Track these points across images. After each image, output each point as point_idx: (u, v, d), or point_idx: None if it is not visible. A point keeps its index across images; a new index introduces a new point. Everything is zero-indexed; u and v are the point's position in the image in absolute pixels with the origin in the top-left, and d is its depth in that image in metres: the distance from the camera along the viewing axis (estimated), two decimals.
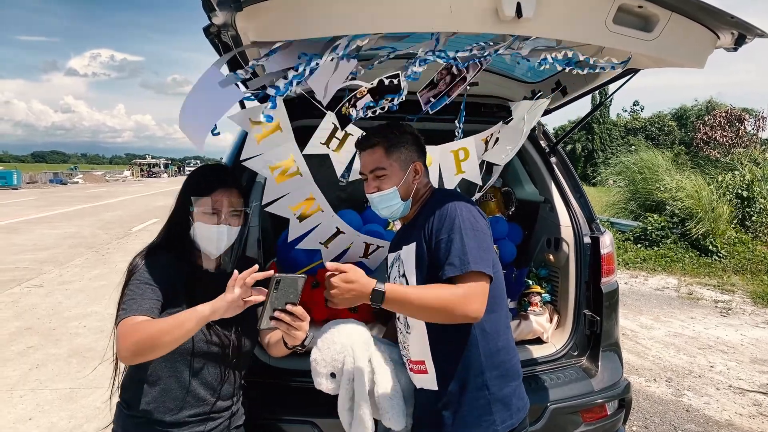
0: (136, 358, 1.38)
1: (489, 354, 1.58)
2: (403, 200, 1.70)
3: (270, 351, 1.76)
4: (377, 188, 1.70)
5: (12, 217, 16.02)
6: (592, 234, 2.58)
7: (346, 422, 1.74)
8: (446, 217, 1.54)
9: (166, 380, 1.54)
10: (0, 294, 6.89)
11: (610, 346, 2.52)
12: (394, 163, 1.69)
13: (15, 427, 3.49)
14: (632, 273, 8.47)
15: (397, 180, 1.68)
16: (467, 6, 1.33)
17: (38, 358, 4.72)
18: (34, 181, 39.15)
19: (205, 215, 1.59)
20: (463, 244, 1.47)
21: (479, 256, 1.47)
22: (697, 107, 35.23)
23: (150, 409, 1.53)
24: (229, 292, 1.38)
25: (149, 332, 1.35)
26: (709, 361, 4.78)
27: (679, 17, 1.50)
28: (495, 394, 1.56)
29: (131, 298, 1.46)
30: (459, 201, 1.59)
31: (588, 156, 37.61)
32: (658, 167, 11.87)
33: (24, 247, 10.48)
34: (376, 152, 1.70)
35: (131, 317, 1.41)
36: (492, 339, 1.59)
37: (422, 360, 1.64)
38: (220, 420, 1.63)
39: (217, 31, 1.51)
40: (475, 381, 1.56)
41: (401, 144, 1.70)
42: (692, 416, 3.73)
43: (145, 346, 1.35)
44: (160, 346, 1.35)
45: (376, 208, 1.75)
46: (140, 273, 1.52)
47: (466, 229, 1.50)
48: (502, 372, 1.60)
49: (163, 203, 21.53)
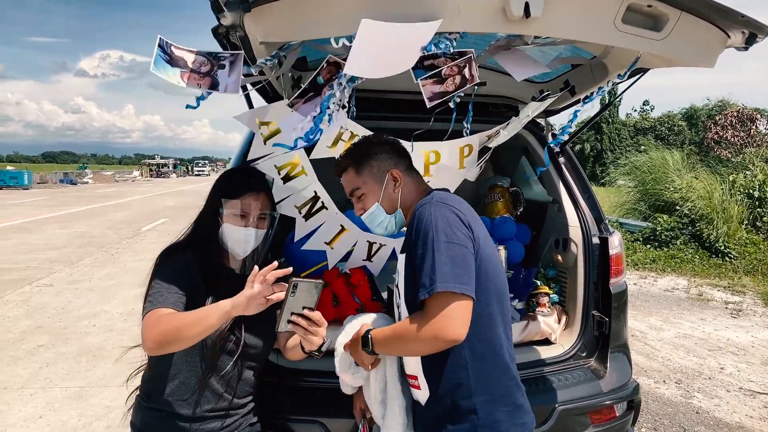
0: (161, 349, 1.42)
1: (479, 377, 1.46)
2: (389, 213, 1.65)
3: (287, 355, 1.77)
4: (363, 208, 1.67)
5: (23, 217, 16.18)
6: (601, 234, 2.56)
7: (379, 414, 1.71)
8: (421, 229, 1.41)
9: (185, 375, 1.58)
10: (11, 293, 6.96)
11: (619, 348, 2.51)
12: (368, 179, 1.65)
13: (26, 425, 3.52)
14: (641, 274, 8.42)
15: (376, 196, 1.64)
16: (475, 6, 1.33)
17: (48, 356, 4.76)
18: (44, 181, 39.50)
19: (234, 217, 1.65)
20: (433, 261, 1.34)
21: (450, 273, 1.33)
22: (707, 107, 34.93)
23: (169, 402, 1.57)
24: (248, 288, 1.41)
25: (173, 324, 1.40)
26: (719, 363, 4.74)
27: (688, 16, 1.49)
28: (483, 419, 1.44)
29: (157, 292, 1.51)
30: (438, 207, 1.44)
31: (597, 156, 37.44)
32: (668, 167, 11.79)
33: (35, 247, 10.58)
34: (348, 174, 1.68)
35: (157, 309, 1.46)
36: (484, 361, 1.47)
37: (415, 375, 1.58)
38: (236, 417, 1.67)
39: (226, 31, 1.52)
40: (463, 404, 1.45)
41: (369, 158, 1.65)
42: (702, 418, 3.70)
43: (169, 338, 1.39)
44: (184, 338, 1.40)
45: (371, 228, 1.71)
46: (166, 269, 1.57)
47: (439, 243, 1.36)
48: (495, 396, 1.47)
49: (172, 203, 21.67)
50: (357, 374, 1.71)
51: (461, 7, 1.31)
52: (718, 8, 1.45)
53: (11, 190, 31.46)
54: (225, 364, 1.61)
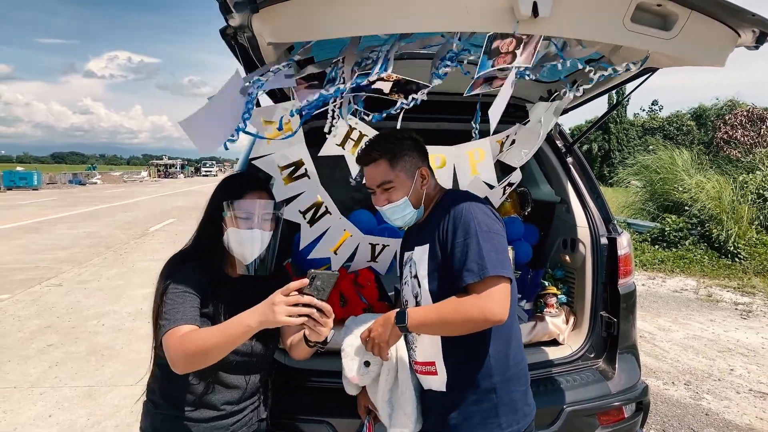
0: (189, 368, 1.44)
1: (499, 358, 1.57)
2: (415, 208, 1.68)
3: (292, 353, 1.74)
4: (387, 200, 1.67)
5: (33, 217, 16.31)
6: (609, 235, 2.55)
7: (386, 414, 1.73)
8: (461, 220, 1.51)
9: (193, 379, 1.57)
10: (21, 292, 7.02)
11: (628, 348, 2.49)
12: (400, 173, 1.66)
13: (35, 423, 3.55)
14: (650, 274, 8.37)
15: (406, 189, 1.66)
16: (483, 6, 1.33)
17: (58, 355, 4.80)
18: (53, 181, 39.77)
19: (238, 220, 1.60)
20: (479, 248, 1.45)
21: (497, 260, 1.44)
22: (717, 107, 34.61)
23: (177, 404, 1.58)
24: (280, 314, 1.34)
25: (198, 345, 1.39)
26: (728, 365, 4.70)
27: (698, 15, 1.48)
28: (502, 398, 1.56)
29: (172, 308, 1.48)
30: (473, 202, 1.57)
31: (604, 156, 37.24)
32: (677, 167, 11.70)
33: (44, 247, 10.66)
34: (380, 165, 1.66)
35: (176, 328, 1.44)
36: (503, 342, 1.58)
37: (432, 361, 1.63)
38: (244, 415, 1.68)
39: (234, 32, 1.52)
40: (484, 384, 1.56)
41: (404, 152, 1.66)
42: (711, 420, 3.67)
43: (196, 359, 1.41)
44: (212, 356, 1.41)
45: (389, 220, 1.72)
46: (176, 281, 1.54)
47: (482, 232, 1.48)
48: (511, 376, 1.59)
49: (179, 203, 21.77)
50: (366, 375, 1.71)
51: (469, 6, 1.31)
52: (729, 7, 1.44)
53: (21, 190, 31.75)
54: (233, 367, 1.62)
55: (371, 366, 1.71)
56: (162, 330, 1.46)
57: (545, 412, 2.14)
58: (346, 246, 2.57)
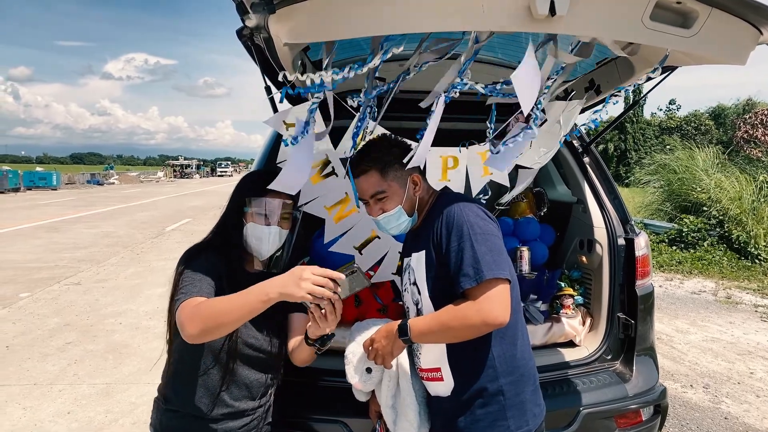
0: (203, 336, 1.41)
1: (505, 359, 1.55)
2: (409, 216, 1.67)
3: (293, 357, 1.75)
4: (381, 210, 1.66)
5: (52, 217, 16.57)
6: (627, 235, 2.52)
7: (390, 419, 1.73)
8: (454, 224, 1.50)
9: (203, 377, 1.59)
10: (41, 291, 7.14)
11: (645, 351, 2.46)
12: (392, 182, 1.64)
13: (55, 420, 3.60)
14: (667, 276, 8.25)
15: (400, 198, 1.65)
16: (500, 5, 1.31)
17: (76, 353, 4.87)
18: (72, 182, 40.38)
19: (258, 216, 1.68)
20: (474, 252, 1.44)
21: (493, 261, 1.43)
22: (737, 106, 33.98)
23: (187, 402, 1.59)
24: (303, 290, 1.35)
25: (215, 309, 1.39)
26: (748, 368, 4.62)
27: (719, 13, 1.45)
28: (510, 399, 1.54)
29: (188, 284, 1.51)
30: (465, 205, 1.55)
31: (621, 156, 36.81)
32: (697, 166, 11.53)
33: (63, 246, 10.83)
34: (371, 176, 1.65)
35: (191, 299, 1.46)
36: (509, 343, 1.57)
37: (437, 367, 1.62)
38: (253, 416, 1.68)
39: (250, 33, 1.53)
40: (491, 386, 1.54)
41: (394, 161, 1.65)
42: (731, 424, 3.61)
43: (210, 325, 1.38)
44: (225, 325, 1.40)
45: (383, 229, 1.72)
46: (194, 267, 1.58)
47: (476, 235, 1.46)
48: (518, 377, 1.57)
49: (195, 203, 21.96)
50: (368, 381, 1.72)
51: (485, 5, 1.30)
52: (751, 4, 1.41)
53: (41, 190, 32.26)
54: (243, 366, 1.63)
55: (373, 373, 1.71)
56: (177, 302, 1.47)
57: (561, 413, 2.13)
58: (373, 249, 2.56)
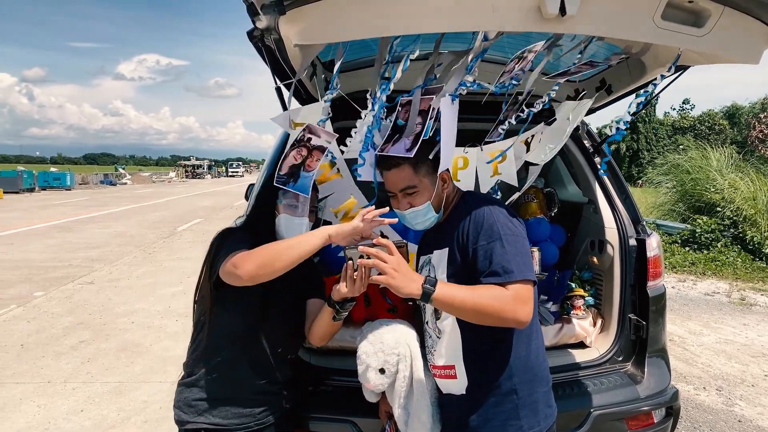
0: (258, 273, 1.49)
1: (519, 358, 1.56)
2: (436, 212, 1.67)
3: (311, 335, 1.79)
4: (410, 204, 1.66)
5: (66, 217, 16.77)
6: (638, 236, 2.50)
7: (402, 420, 1.73)
8: (483, 224, 1.51)
9: (225, 365, 1.66)
10: (55, 290, 7.22)
11: (657, 352, 2.44)
12: (424, 178, 1.64)
13: (68, 417, 3.65)
14: (680, 277, 8.17)
15: (429, 194, 1.64)
16: (509, 4, 1.31)
17: (89, 352, 4.92)
18: (86, 182, 40.82)
19: (290, 208, 1.80)
20: (504, 252, 1.45)
21: (522, 263, 1.44)
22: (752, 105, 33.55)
23: (210, 382, 1.65)
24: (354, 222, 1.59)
25: (271, 249, 1.53)
26: (762, 370, 4.57)
27: (732, 11, 1.44)
28: (524, 399, 1.54)
29: (231, 246, 1.60)
30: (494, 206, 1.56)
31: (633, 156, 36.53)
32: (710, 166, 11.40)
33: (77, 245, 10.96)
34: (403, 170, 1.64)
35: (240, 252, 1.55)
36: (523, 343, 1.57)
37: (452, 365, 1.62)
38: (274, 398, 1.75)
39: (261, 35, 1.54)
40: (505, 386, 1.54)
41: (425, 157, 1.65)
42: (744, 427, 3.57)
43: (266, 262, 1.49)
44: (281, 261, 1.50)
45: (409, 224, 1.71)
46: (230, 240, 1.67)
47: (506, 236, 1.47)
48: (531, 377, 1.57)
49: (207, 204, 22.10)
50: (380, 382, 1.72)
51: (495, 5, 1.30)
52: (764, 3, 1.40)
53: (55, 190, 32.67)
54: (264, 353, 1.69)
55: (386, 373, 1.71)
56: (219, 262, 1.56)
57: (572, 415, 2.11)
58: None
